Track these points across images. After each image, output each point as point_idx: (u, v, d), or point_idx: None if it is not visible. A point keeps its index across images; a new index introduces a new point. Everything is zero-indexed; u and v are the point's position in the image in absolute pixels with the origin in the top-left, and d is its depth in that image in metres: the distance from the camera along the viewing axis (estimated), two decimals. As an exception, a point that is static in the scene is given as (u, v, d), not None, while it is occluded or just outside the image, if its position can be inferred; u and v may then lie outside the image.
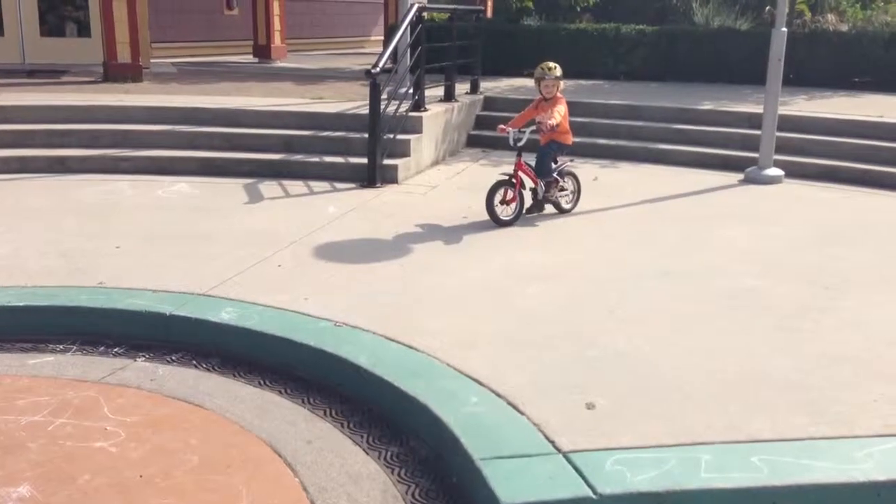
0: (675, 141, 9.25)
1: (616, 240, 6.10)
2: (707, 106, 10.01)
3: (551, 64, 6.37)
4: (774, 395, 3.58)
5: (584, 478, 2.91)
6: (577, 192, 6.85)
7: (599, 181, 8.12)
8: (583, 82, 12.43)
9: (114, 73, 10.90)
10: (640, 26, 13.10)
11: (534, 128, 6.44)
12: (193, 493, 3.13)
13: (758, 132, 8.14)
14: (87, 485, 3.17)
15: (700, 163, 8.77)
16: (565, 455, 3.07)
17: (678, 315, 4.56)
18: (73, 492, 3.12)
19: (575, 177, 6.85)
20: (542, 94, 6.41)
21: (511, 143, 6.40)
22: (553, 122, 6.19)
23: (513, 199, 6.36)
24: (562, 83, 6.43)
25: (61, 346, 4.39)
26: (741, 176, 8.16)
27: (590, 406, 3.46)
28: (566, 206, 6.76)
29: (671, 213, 6.95)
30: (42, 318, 4.50)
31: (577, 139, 9.56)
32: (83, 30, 12.66)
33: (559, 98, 6.41)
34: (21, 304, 4.55)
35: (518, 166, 6.40)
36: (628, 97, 10.71)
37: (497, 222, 6.26)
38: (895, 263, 5.61)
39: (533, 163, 6.58)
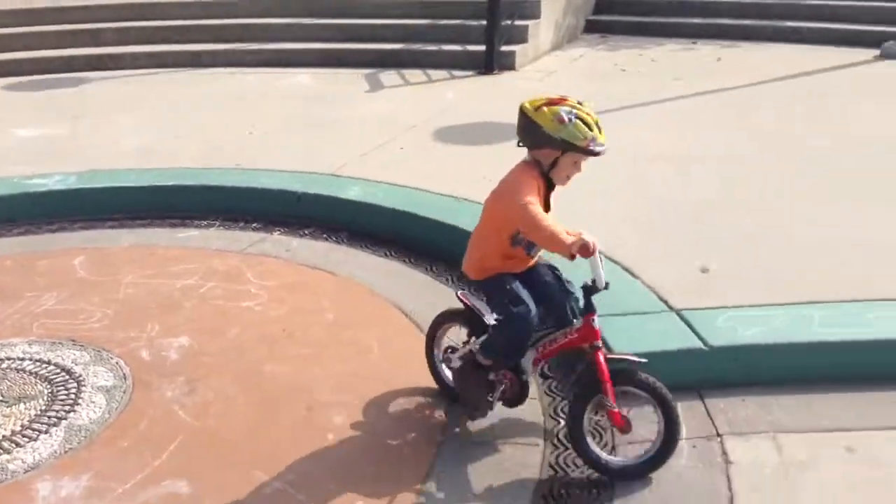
0: (807, 17, 8.77)
1: (739, 119, 5.96)
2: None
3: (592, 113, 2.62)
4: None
5: (695, 332, 3.03)
6: None
7: (723, 62, 7.86)
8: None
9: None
10: None
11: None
12: (330, 344, 3.44)
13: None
14: (237, 337, 3.52)
15: (833, 39, 8.32)
16: (678, 312, 3.19)
17: (799, 192, 4.49)
18: (225, 343, 3.48)
19: None
20: (559, 176, 2.69)
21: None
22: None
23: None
24: None
25: (205, 222, 4.77)
26: (877, 52, 7.71)
27: (703, 270, 3.53)
28: None
29: (799, 92, 6.69)
30: (188, 196, 4.88)
31: (699, 20, 9.23)
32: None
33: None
34: (170, 183, 4.95)
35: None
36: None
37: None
38: None
39: None
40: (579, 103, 2.61)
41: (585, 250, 2.40)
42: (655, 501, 2.47)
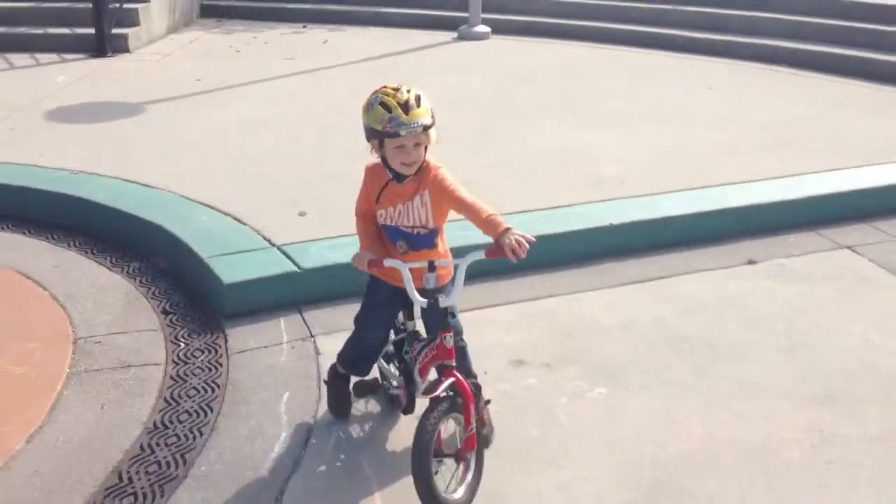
0: (399, 4, 9.88)
1: (338, 93, 6.73)
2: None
3: (410, 92, 2.46)
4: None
5: (291, 259, 3.65)
6: None
7: (329, 44, 8.65)
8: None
9: None
10: None
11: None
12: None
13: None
14: None
15: (422, 24, 9.50)
16: (279, 247, 3.78)
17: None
18: None
19: None
20: (394, 164, 2.55)
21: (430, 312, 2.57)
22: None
23: None
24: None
25: None
26: (455, 34, 9.01)
27: (302, 214, 4.17)
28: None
29: (391, 69, 7.63)
30: None
31: (309, 6, 9.98)
32: None
33: (435, 170, 2.61)
34: None
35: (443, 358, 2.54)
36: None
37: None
38: (563, 98, 6.68)
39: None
40: (395, 89, 2.43)
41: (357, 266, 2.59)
42: (260, 386, 3.03)
